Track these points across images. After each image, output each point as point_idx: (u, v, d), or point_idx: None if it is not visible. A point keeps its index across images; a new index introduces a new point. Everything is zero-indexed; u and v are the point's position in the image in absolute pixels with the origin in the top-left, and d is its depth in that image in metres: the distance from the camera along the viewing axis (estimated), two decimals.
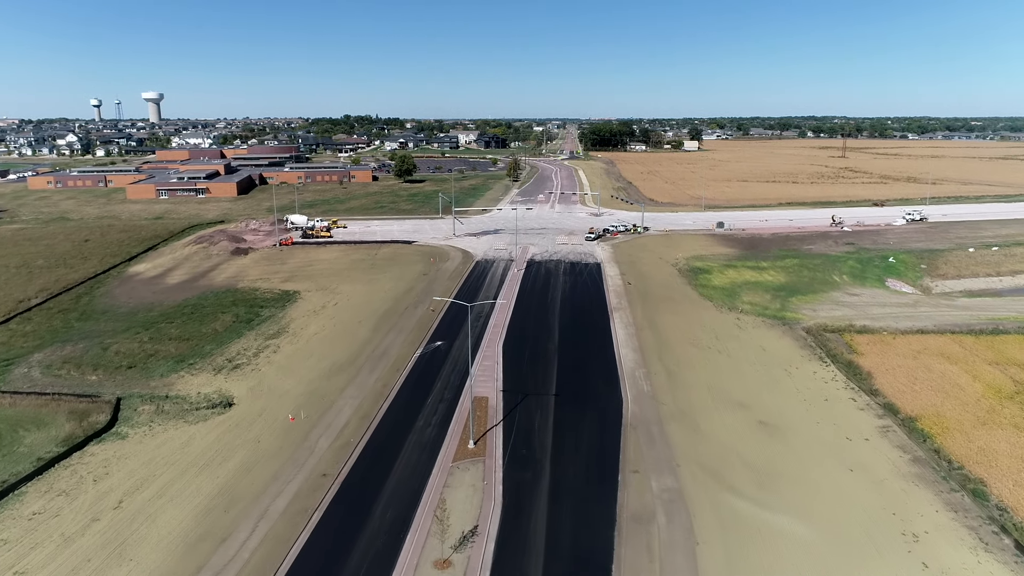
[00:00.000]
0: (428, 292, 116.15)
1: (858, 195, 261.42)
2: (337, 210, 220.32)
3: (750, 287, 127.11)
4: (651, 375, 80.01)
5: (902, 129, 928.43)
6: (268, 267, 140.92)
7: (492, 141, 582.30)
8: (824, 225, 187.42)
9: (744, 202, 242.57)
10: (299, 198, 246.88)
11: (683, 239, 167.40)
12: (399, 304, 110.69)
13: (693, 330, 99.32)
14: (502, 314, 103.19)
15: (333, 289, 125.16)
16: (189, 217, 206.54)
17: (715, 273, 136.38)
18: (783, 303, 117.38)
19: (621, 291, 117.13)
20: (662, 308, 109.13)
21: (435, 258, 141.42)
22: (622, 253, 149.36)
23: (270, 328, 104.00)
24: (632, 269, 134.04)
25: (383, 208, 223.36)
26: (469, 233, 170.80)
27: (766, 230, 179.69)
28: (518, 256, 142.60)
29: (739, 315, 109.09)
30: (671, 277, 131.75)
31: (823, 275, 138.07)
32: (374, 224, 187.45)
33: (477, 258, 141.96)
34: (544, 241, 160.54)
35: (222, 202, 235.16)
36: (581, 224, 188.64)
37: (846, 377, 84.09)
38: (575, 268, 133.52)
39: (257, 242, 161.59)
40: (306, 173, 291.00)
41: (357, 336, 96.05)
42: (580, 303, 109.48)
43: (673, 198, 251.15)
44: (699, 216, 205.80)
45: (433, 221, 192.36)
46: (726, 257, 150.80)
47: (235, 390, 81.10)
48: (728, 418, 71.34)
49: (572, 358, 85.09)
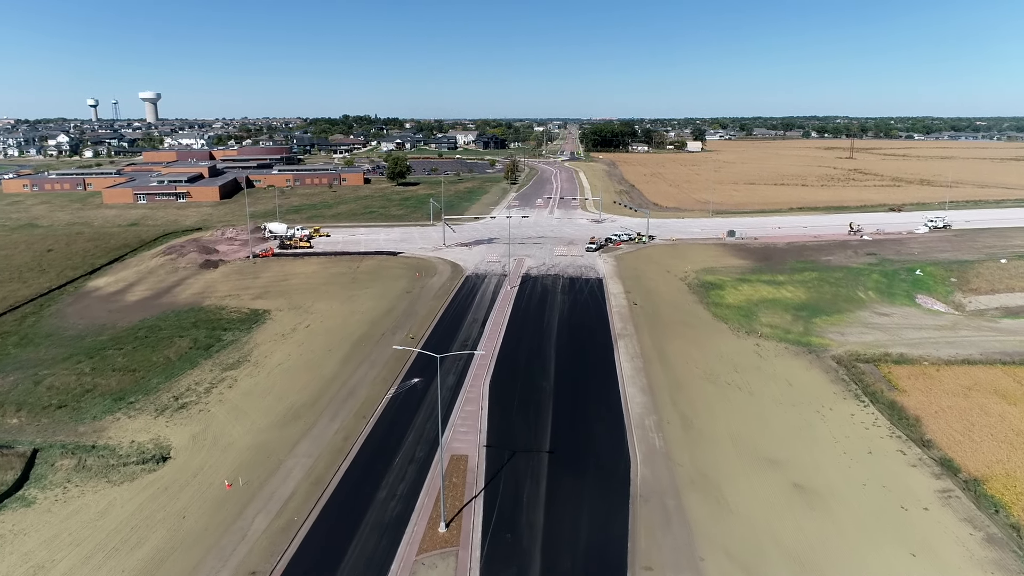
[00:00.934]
0: (409, 314, 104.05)
1: (872, 199, 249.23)
2: (324, 216, 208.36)
3: (768, 306, 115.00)
4: (663, 424, 67.82)
5: (907, 129, 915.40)
6: (239, 282, 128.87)
7: (491, 142, 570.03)
8: (841, 233, 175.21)
9: (753, 207, 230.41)
10: (285, 202, 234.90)
11: (692, 249, 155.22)
12: (376, 328, 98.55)
13: (708, 361, 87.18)
14: (491, 341, 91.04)
15: (307, 308, 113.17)
16: (165, 224, 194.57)
17: (728, 289, 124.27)
18: (806, 325, 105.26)
19: (626, 313, 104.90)
20: (672, 333, 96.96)
21: (421, 272, 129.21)
22: (626, 266, 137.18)
23: (230, 356, 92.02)
24: (637, 285, 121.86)
25: (372, 214, 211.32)
26: (460, 243, 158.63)
27: (780, 239, 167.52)
28: (512, 270, 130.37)
29: (758, 340, 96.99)
30: (680, 294, 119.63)
31: (847, 291, 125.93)
32: (360, 232, 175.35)
33: (467, 272, 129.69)
34: (541, 252, 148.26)
35: (203, 207, 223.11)
36: (581, 232, 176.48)
37: (890, 422, 71.97)
38: (575, 285, 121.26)
39: (231, 253, 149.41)
40: (295, 176, 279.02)
41: (324, 369, 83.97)
42: (580, 328, 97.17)
43: (678, 202, 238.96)
44: (707, 223, 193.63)
45: (424, 229, 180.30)
46: (739, 270, 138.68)
47: (175, 438, 69.11)
48: (758, 482, 59.20)
49: (570, 401, 72.88)
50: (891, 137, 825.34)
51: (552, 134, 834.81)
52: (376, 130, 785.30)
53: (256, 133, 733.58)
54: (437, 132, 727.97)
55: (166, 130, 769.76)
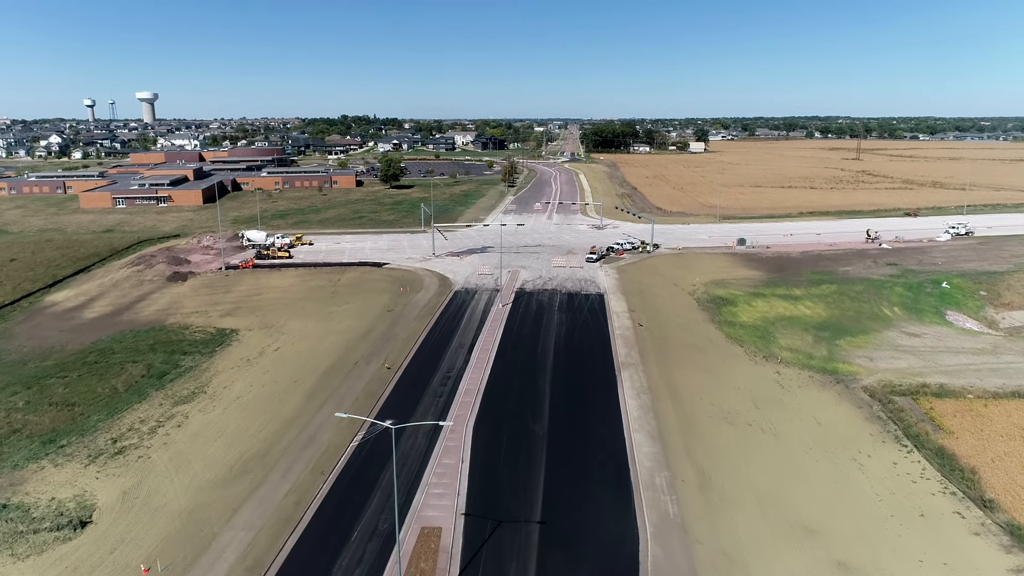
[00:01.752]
0: (388, 337, 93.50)
1: (885, 203, 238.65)
2: (311, 221, 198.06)
3: (785, 324, 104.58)
4: (677, 482, 57.28)
5: (910, 129, 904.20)
6: (208, 297, 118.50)
7: (490, 143, 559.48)
8: (858, 241, 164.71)
9: (761, 211, 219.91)
10: (272, 207, 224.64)
11: (699, 259, 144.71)
12: (350, 354, 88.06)
13: (725, 395, 76.73)
14: (478, 371, 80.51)
15: (279, 327, 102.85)
16: (142, 230, 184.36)
17: (741, 305, 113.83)
18: (830, 348, 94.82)
19: (630, 335, 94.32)
20: (682, 360, 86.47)
21: (406, 287, 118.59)
22: (629, 279, 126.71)
23: (185, 387, 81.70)
24: (642, 302, 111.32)
25: (362, 219, 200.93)
26: (452, 252, 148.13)
27: (793, 247, 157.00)
28: (505, 284, 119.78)
29: (778, 367, 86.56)
30: (689, 311, 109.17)
31: (870, 307, 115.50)
32: (346, 240, 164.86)
33: (456, 287, 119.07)
34: (538, 263, 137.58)
35: (184, 212, 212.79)
36: (581, 240, 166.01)
37: (940, 474, 61.52)
38: (573, 301, 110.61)
39: (204, 264, 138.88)
40: (284, 178, 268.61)
41: (286, 406, 73.56)
42: (579, 355, 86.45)
43: (683, 207, 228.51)
44: (714, 229, 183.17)
45: (414, 236, 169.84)
46: (751, 282, 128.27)
47: (103, 495, 58.78)
48: (793, 561, 48.78)
49: (567, 451, 62.22)
50: (896, 137, 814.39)
51: (552, 135, 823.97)
52: (375, 131, 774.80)
53: (253, 134, 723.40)
54: (436, 133, 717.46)
55: (162, 131, 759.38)
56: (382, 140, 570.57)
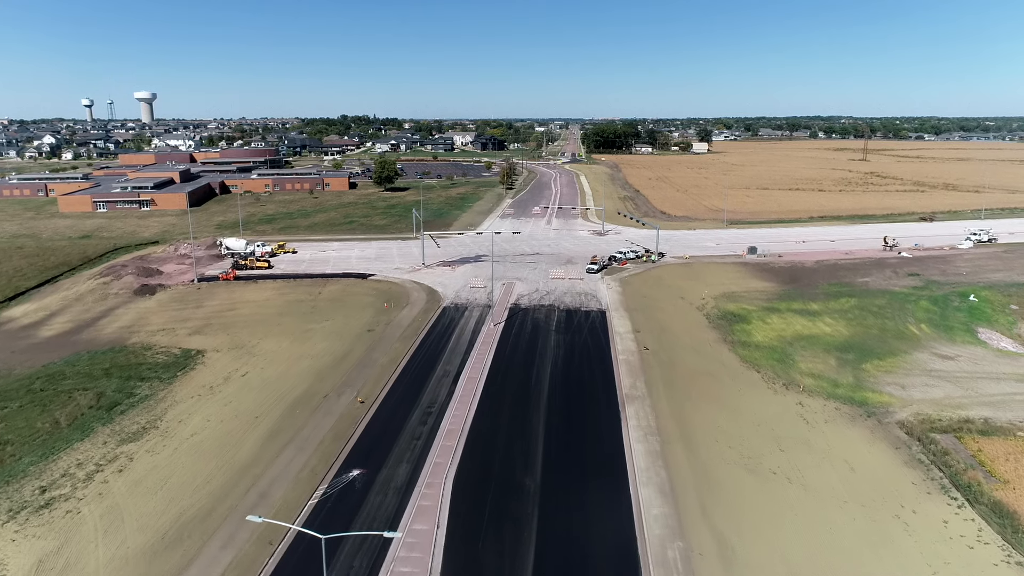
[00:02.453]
0: (365, 364, 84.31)
1: (897, 206, 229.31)
2: (298, 226, 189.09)
3: (805, 344, 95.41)
4: (693, 556, 48.08)
5: (915, 130, 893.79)
6: (177, 312, 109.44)
7: (489, 143, 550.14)
8: (875, 248, 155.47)
9: (770, 215, 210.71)
10: (259, 210, 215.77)
11: (708, 269, 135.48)
12: (322, 383, 78.98)
13: (743, 434, 67.57)
14: (463, 407, 71.30)
15: (250, 348, 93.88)
16: (120, 236, 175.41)
17: (755, 322, 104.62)
18: (856, 373, 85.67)
19: (635, 361, 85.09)
20: (694, 391, 77.29)
21: (390, 302, 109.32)
22: (634, 292, 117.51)
23: (136, 420, 72.76)
24: (648, 319, 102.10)
25: (352, 224, 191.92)
26: (443, 262, 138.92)
27: (807, 255, 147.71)
28: (499, 299, 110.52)
29: (801, 397, 77.47)
30: (699, 330, 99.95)
31: (894, 323, 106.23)
32: (332, 247, 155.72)
33: (445, 302, 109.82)
34: (535, 275, 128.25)
35: (167, 216, 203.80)
36: (581, 248, 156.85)
37: (1001, 537, 52.41)
38: (572, 320, 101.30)
39: (177, 275, 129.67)
40: (274, 180, 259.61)
41: (241, 449, 64.49)
42: (578, 388, 76.94)
43: (688, 210, 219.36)
44: (721, 235, 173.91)
45: (404, 243, 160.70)
46: (765, 295, 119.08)
47: (15, 564, 49.83)
48: None
49: (563, 514, 52.78)
50: (901, 138, 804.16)
51: (553, 135, 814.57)
52: (374, 131, 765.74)
53: (251, 134, 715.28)
54: (436, 133, 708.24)
55: (160, 131, 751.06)
56: (380, 141, 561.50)
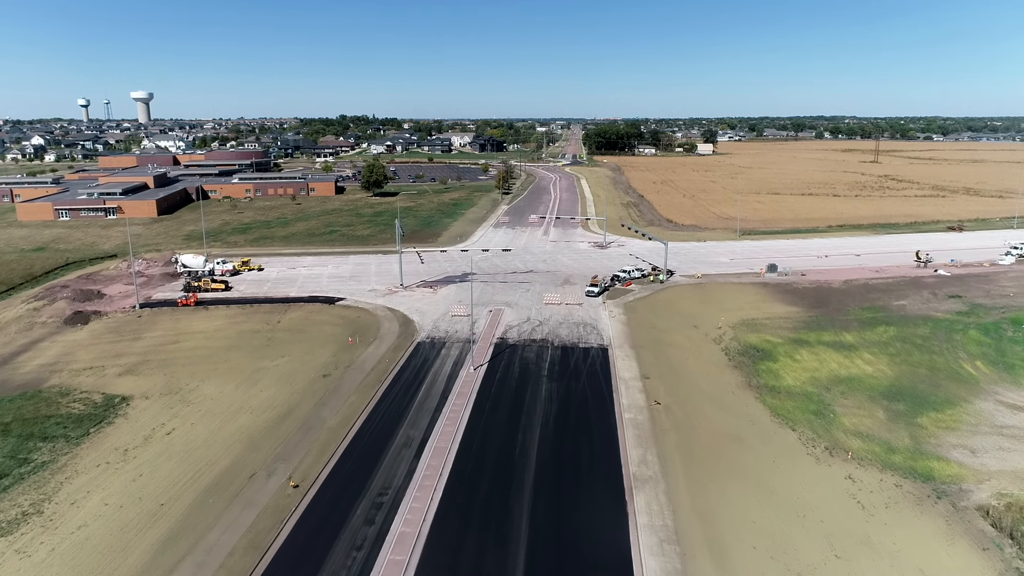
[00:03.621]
0: (310, 426, 68.95)
1: (920, 214, 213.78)
2: (274, 237, 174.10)
3: (844, 389, 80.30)
4: None
5: (922, 130, 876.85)
6: (112, 346, 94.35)
7: (488, 144, 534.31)
8: (907, 265, 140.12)
9: (784, 224, 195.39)
10: (235, 218, 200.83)
11: (723, 291, 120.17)
12: (253, 453, 63.79)
13: (786, 532, 52.39)
14: (423, 496, 55.77)
15: (186, 393, 78.97)
16: (77, 248, 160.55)
17: (783, 359, 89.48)
18: (911, 431, 70.58)
19: (645, 423, 69.57)
20: (719, 466, 61.97)
21: (356, 336, 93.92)
22: (640, 321, 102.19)
23: (18, 501, 57.94)
24: (658, 361, 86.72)
25: (332, 234, 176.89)
26: (424, 282, 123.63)
27: (832, 274, 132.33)
28: (483, 331, 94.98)
29: (850, 468, 62.44)
30: (719, 371, 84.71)
31: (944, 360, 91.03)
32: (304, 263, 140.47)
33: (420, 335, 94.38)
34: (527, 299, 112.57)
35: (135, 225, 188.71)
36: (581, 263, 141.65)
37: None
38: (569, 360, 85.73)
39: (118, 299, 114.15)
40: (255, 185, 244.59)
41: (129, 557, 49.47)
42: (573, 464, 60.40)
43: (696, 218, 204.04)
44: (735, 248, 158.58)
45: (386, 257, 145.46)
46: (790, 323, 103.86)
47: None
48: None
49: None
50: (908, 138, 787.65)
51: (554, 135, 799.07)
52: (373, 131, 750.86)
53: (247, 134, 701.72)
54: (436, 133, 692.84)
55: (155, 131, 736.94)
56: (376, 142, 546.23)
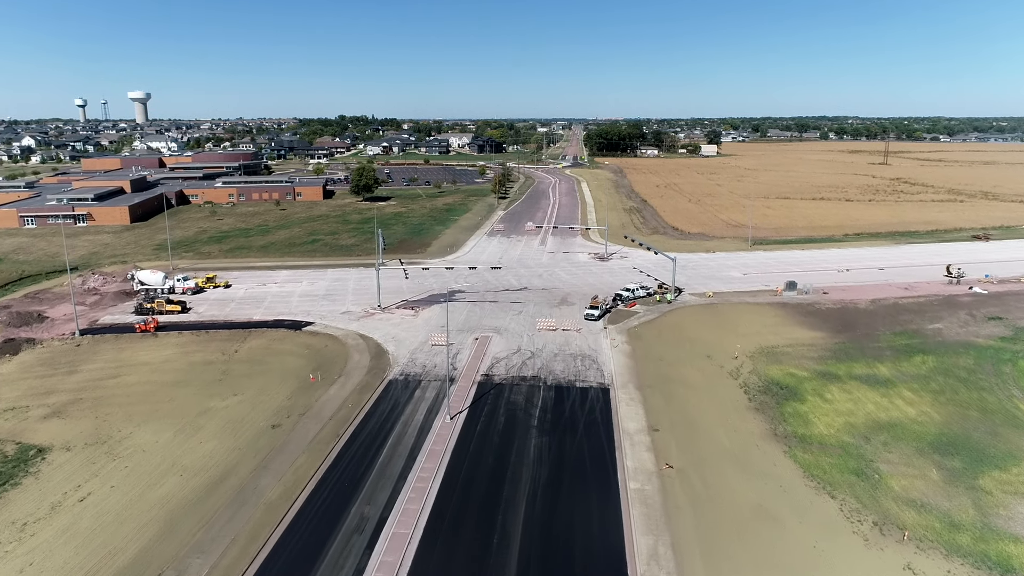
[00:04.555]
0: (244, 500, 56.54)
1: (940, 221, 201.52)
2: (251, 247, 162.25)
3: (886, 438, 68.38)
4: None
5: (927, 130, 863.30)
6: (41, 381, 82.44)
7: (486, 145, 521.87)
8: (937, 280, 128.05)
9: (798, 232, 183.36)
10: (213, 226, 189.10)
11: (738, 312, 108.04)
12: (167, 540, 51.72)
13: None
14: None
15: (114, 444, 67.22)
16: (38, 260, 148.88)
17: (811, 398, 77.51)
18: (974, 497, 58.67)
19: (655, 498, 56.99)
20: (748, 559, 49.91)
21: (319, 372, 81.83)
22: (646, 352, 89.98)
23: None
24: (668, 405, 74.49)
25: (314, 244, 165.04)
26: (406, 302, 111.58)
27: (857, 291, 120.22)
28: (466, 367, 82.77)
29: (907, 554, 50.65)
30: (739, 416, 72.64)
31: (996, 398, 79.09)
32: (277, 279, 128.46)
33: (393, 371, 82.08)
34: (518, 323, 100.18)
35: (104, 233, 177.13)
36: (580, 279, 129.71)
37: None
38: (563, 405, 73.33)
39: (64, 322, 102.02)
40: (239, 190, 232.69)
41: None
42: (565, 561, 48.54)
43: (703, 225, 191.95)
44: (747, 260, 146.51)
45: (367, 271, 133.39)
46: (815, 351, 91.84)
47: None
48: None
49: None
50: (915, 139, 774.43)
51: (555, 136, 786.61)
52: (372, 131, 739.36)
53: (243, 135, 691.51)
54: (435, 133, 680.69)
55: (151, 131, 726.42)
56: (372, 143, 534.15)
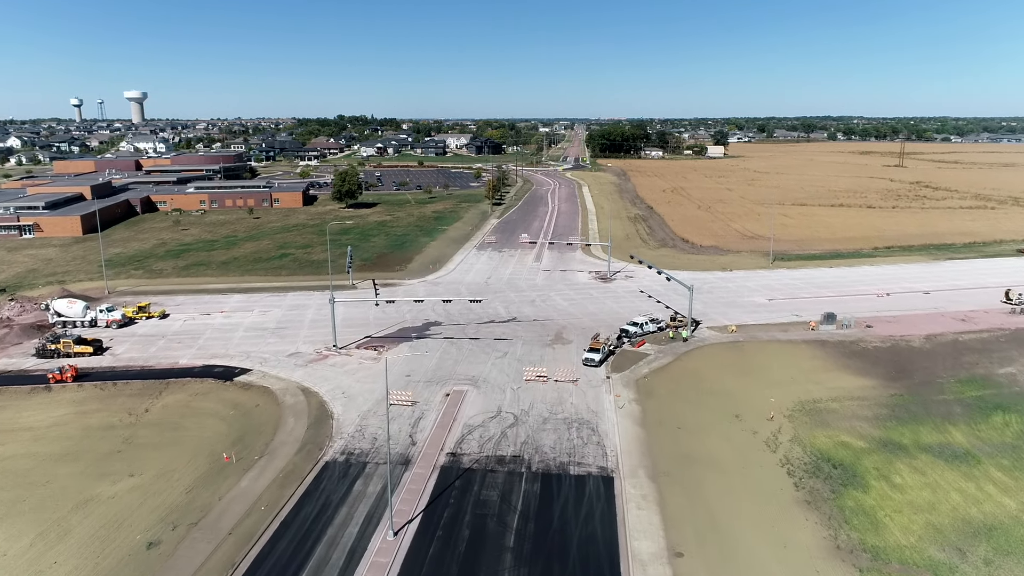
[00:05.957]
0: None
1: (975, 231, 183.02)
2: (212, 262, 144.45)
3: (988, 551, 50.46)
4: None
5: (936, 130, 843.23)
6: None
7: (485, 146, 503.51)
8: (994, 307, 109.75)
9: (820, 244, 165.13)
10: (173, 237, 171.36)
11: (767, 353, 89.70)
12: None
13: None
14: None
15: None
16: None
17: (874, 483, 59.48)
18: None
19: None
20: None
21: (236, 449, 63.60)
22: (661, 418, 71.66)
23: None
24: (693, 507, 56.18)
25: (283, 259, 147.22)
26: (371, 339, 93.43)
27: (906, 324, 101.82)
28: (429, 440, 64.57)
29: None
30: (787, 523, 54.44)
31: None
32: (227, 305, 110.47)
33: (334, 447, 63.27)
34: (501, 371, 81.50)
35: (50, 246, 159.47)
36: (578, 305, 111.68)
37: None
38: (551, 505, 54.03)
39: None
40: (211, 196, 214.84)
41: None
42: None
43: (716, 237, 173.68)
44: (770, 280, 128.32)
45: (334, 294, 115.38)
46: (868, 407, 73.74)
47: None
48: None
49: None
50: (926, 139, 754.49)
51: (557, 136, 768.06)
52: (371, 131, 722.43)
53: (238, 135, 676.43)
54: (435, 134, 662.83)
55: (145, 131, 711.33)
56: (366, 144, 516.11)
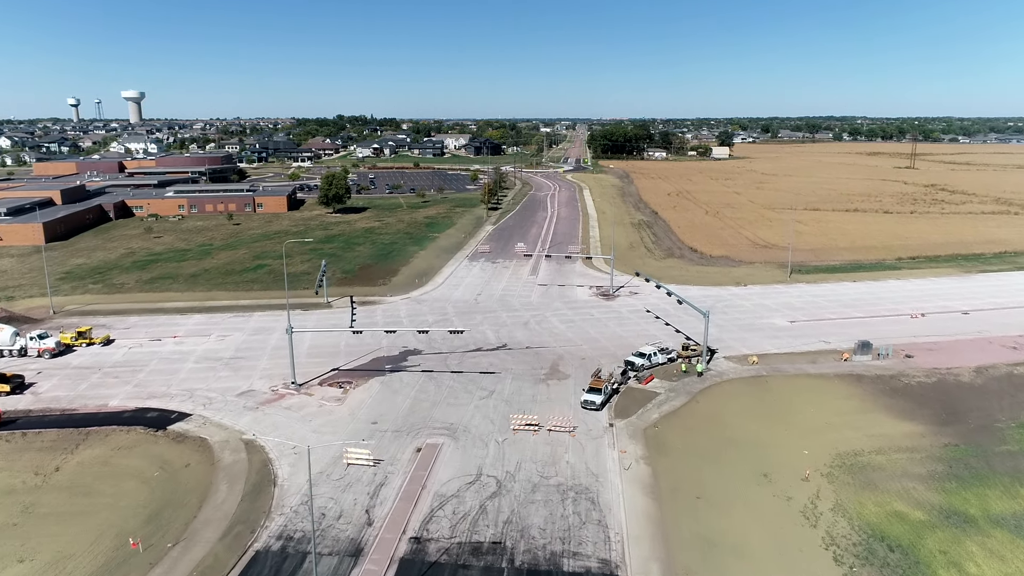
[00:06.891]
0: None
1: (1003, 239, 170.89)
2: (180, 275, 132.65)
3: None
4: None
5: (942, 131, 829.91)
6: None
7: (484, 147, 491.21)
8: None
9: (840, 254, 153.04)
10: (143, 246, 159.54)
11: (795, 391, 77.57)
12: None
13: None
14: None
15: None
16: None
17: (942, 572, 47.48)
18: None
19: None
20: None
21: (145, 533, 51.15)
22: (675, 483, 59.56)
23: None
24: None
25: (258, 271, 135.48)
26: (338, 372, 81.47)
27: (950, 352, 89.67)
28: (390, 514, 52.21)
29: None
30: None
31: None
32: (183, 327, 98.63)
33: (270, 529, 50.06)
34: (485, 417, 69.10)
35: (7, 257, 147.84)
36: (577, 330, 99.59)
37: None
38: None
39: None
40: (190, 200, 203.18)
41: None
42: None
43: (727, 246, 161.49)
44: (791, 297, 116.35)
45: (305, 316, 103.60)
46: (920, 461, 61.79)
47: None
48: None
49: None
50: (933, 140, 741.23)
51: (558, 136, 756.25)
52: (370, 131, 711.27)
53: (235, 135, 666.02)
54: (434, 133, 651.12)
55: (141, 131, 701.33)
56: (363, 144, 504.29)
